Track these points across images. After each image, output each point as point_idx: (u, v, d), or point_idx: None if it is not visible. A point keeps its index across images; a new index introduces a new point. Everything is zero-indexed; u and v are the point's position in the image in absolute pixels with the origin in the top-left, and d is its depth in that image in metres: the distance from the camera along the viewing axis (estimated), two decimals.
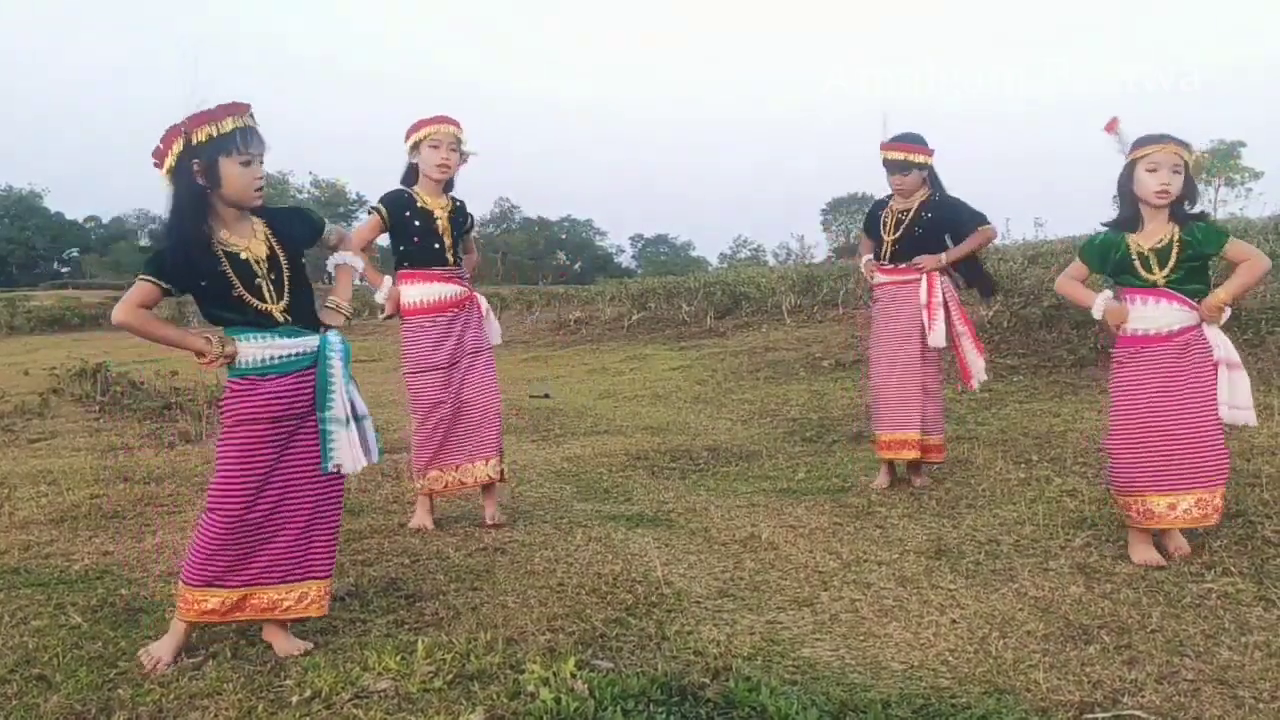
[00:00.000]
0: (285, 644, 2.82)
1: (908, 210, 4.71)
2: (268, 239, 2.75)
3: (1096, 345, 7.72)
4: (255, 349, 2.70)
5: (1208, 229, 3.44)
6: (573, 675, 2.47)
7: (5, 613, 3.18)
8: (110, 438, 7.16)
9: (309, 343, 2.76)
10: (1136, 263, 3.44)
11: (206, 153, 2.59)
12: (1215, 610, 2.98)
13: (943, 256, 4.66)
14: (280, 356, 2.72)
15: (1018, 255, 11.72)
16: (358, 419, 2.82)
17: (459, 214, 4.29)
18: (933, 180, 4.72)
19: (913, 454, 4.73)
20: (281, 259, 2.75)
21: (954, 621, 2.99)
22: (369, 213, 4.26)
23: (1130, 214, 3.48)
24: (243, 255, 2.69)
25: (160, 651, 2.73)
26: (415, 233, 4.18)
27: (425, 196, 4.20)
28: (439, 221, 4.19)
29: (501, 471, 4.34)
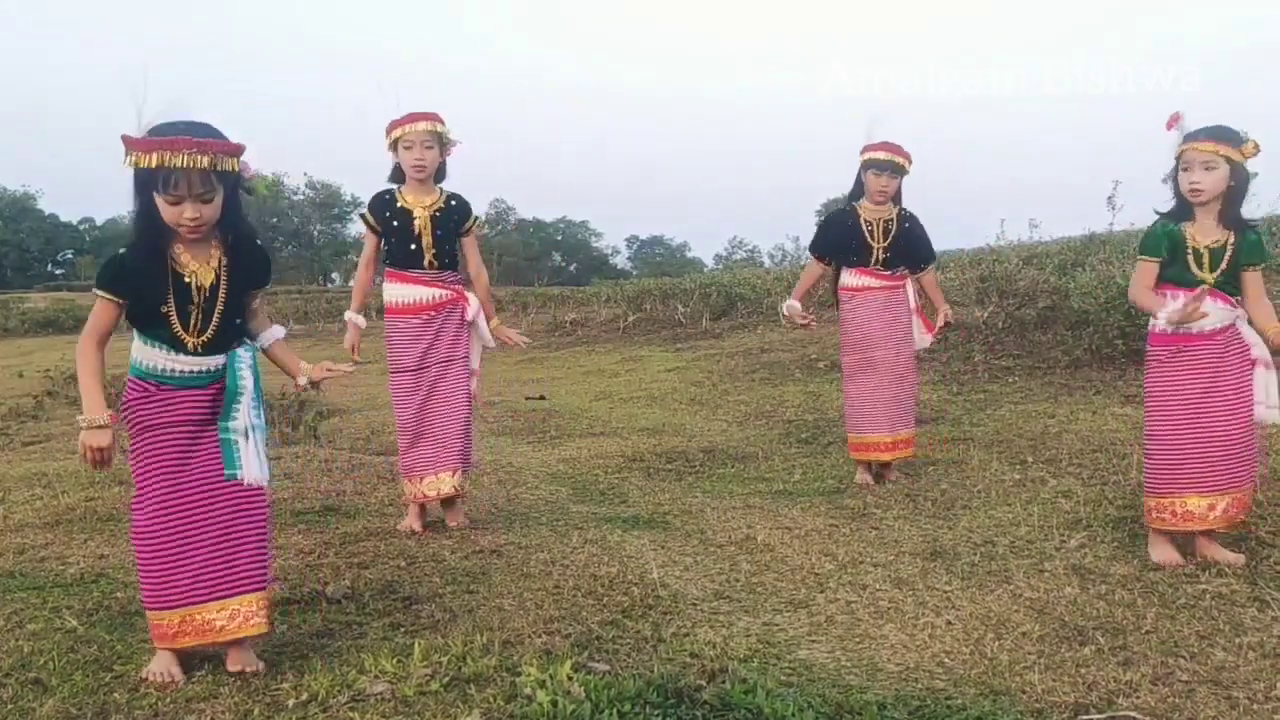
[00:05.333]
0: (237, 658, 2.69)
1: (891, 219, 4.79)
2: (219, 269, 2.65)
3: (1091, 346, 7.73)
4: (159, 358, 2.64)
5: (1257, 241, 3.43)
6: (569, 678, 2.47)
7: (0, 617, 3.17)
8: None
9: (214, 362, 2.68)
10: (1190, 257, 3.40)
11: (139, 180, 2.52)
12: (1210, 611, 2.99)
13: (948, 312, 4.96)
14: (182, 371, 2.65)
15: (1013, 256, 11.74)
16: (254, 430, 2.74)
17: (450, 212, 4.19)
18: (898, 192, 4.83)
19: (909, 453, 4.91)
20: (222, 291, 2.66)
21: (949, 623, 2.99)
22: (359, 218, 4.25)
23: (1181, 206, 3.45)
24: (187, 279, 2.61)
25: (158, 669, 2.66)
26: (392, 233, 4.16)
27: (408, 196, 4.16)
28: (416, 221, 4.12)
29: (458, 487, 4.19)
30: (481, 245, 4.46)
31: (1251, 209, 3.68)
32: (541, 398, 9.11)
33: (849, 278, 4.84)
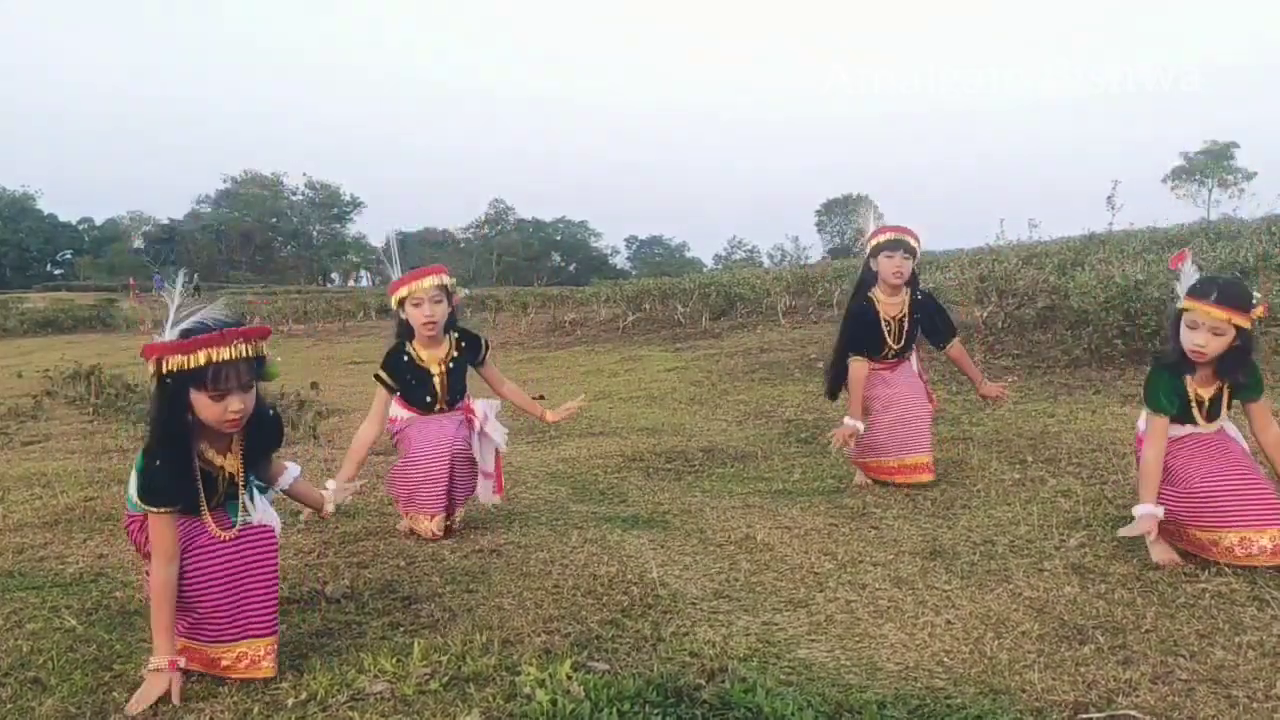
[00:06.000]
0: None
1: (903, 314, 4.78)
2: (240, 452, 2.66)
3: (1090, 346, 7.74)
4: None
5: (1252, 382, 3.38)
6: (568, 677, 2.47)
7: (0, 616, 3.17)
8: (104, 440, 7.15)
9: None
10: (1194, 408, 3.40)
11: (176, 382, 2.46)
12: (1209, 610, 2.98)
13: (985, 385, 5.04)
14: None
15: (1012, 256, 11.74)
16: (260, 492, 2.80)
17: (463, 356, 4.21)
18: (913, 275, 4.80)
19: (929, 477, 4.77)
20: (240, 476, 2.67)
21: (949, 622, 2.99)
22: (375, 379, 4.19)
23: (1179, 359, 3.36)
24: (214, 473, 2.63)
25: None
26: (409, 390, 4.18)
27: (422, 352, 4.17)
28: (435, 379, 4.16)
29: (448, 526, 4.15)
30: (464, 311, 4.40)
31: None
32: (540, 397, 9.08)
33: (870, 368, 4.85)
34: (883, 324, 4.76)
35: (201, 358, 2.41)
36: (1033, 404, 6.74)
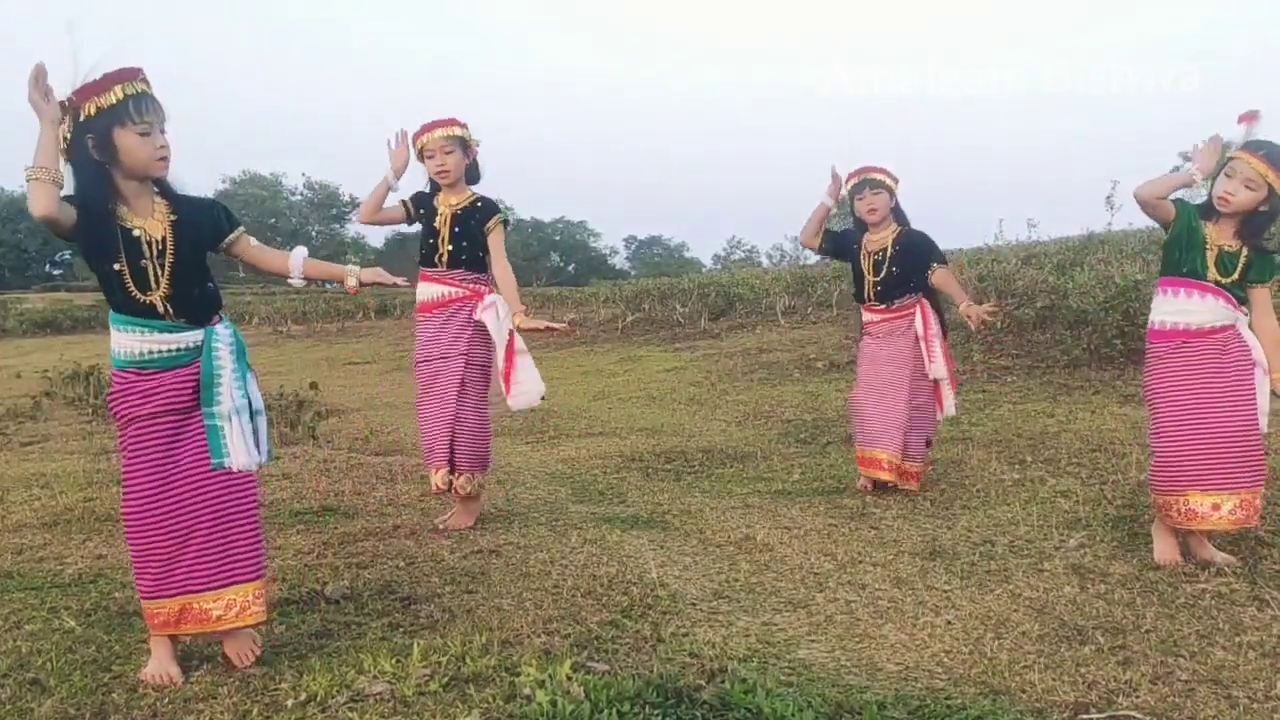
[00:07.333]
0: (234, 646, 2.71)
1: (884, 249, 4.73)
2: (166, 221, 2.62)
3: (1090, 346, 7.74)
4: (133, 341, 2.60)
5: (1268, 260, 3.41)
6: (568, 678, 2.47)
7: None
8: (103, 440, 7.14)
9: (191, 338, 2.64)
10: (1208, 255, 3.38)
11: (99, 126, 2.48)
12: (1209, 610, 2.99)
13: (968, 305, 4.63)
14: (158, 351, 2.61)
15: (1011, 256, 11.75)
16: (253, 414, 2.74)
17: (473, 212, 4.25)
18: (899, 213, 4.79)
19: (885, 475, 4.68)
20: (170, 245, 2.61)
21: (949, 622, 2.99)
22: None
23: (1207, 205, 3.43)
24: (135, 233, 2.57)
25: (155, 670, 2.66)
26: (423, 229, 4.34)
27: (440, 196, 4.32)
28: (439, 218, 4.27)
29: (451, 483, 4.21)
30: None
31: None
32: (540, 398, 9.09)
33: (862, 314, 4.93)
34: (863, 255, 4.78)
35: (120, 91, 2.49)
36: (1032, 404, 6.75)
